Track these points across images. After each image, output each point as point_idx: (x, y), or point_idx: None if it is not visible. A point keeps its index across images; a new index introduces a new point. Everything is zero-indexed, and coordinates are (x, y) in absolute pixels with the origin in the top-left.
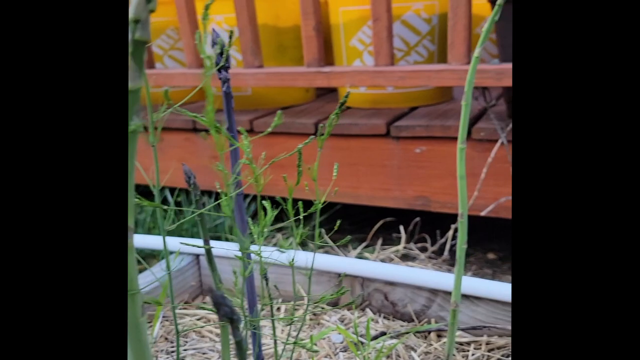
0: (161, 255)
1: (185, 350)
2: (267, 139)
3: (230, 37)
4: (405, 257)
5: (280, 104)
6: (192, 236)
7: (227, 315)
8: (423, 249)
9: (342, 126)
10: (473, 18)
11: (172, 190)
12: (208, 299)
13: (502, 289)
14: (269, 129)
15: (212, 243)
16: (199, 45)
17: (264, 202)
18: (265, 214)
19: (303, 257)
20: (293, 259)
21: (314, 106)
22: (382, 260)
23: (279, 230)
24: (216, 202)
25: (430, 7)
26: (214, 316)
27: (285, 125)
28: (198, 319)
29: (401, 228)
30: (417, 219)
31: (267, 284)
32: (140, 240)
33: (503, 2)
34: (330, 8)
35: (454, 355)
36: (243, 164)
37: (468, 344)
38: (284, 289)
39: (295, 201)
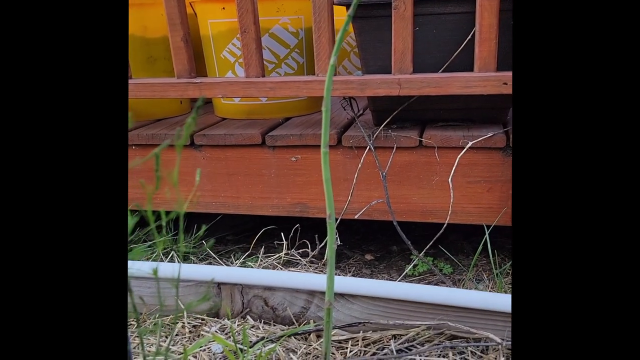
0: None
1: None
2: (142, 152)
3: None
4: (288, 264)
5: (154, 116)
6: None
7: None
8: (304, 254)
9: (218, 137)
10: (336, 32)
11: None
12: None
13: (374, 286)
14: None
15: None
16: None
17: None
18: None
19: (183, 269)
20: (156, 270)
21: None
22: (265, 268)
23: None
24: None
25: (296, 21)
26: None
27: (160, 137)
28: None
29: (282, 235)
30: (297, 225)
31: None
32: None
33: (353, 12)
34: (199, 20)
35: (333, 354)
36: None
37: (346, 341)
38: (166, 302)
39: (166, 212)
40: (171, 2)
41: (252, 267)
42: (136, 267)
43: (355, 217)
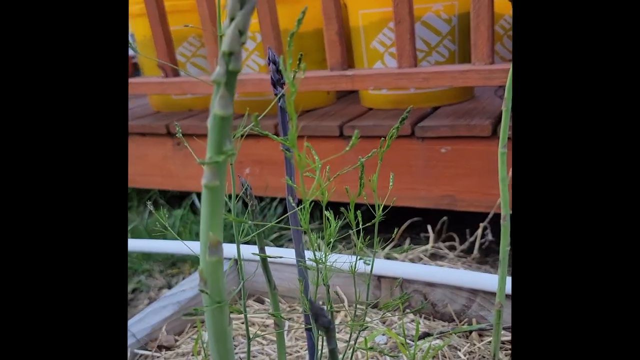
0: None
1: (235, 353)
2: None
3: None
4: (434, 257)
5: (303, 108)
6: (230, 241)
7: (324, 325)
8: (451, 248)
9: (366, 128)
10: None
11: (199, 195)
12: (251, 302)
13: None
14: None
15: (268, 250)
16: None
17: (326, 213)
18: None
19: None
20: (355, 266)
21: (336, 108)
22: (411, 260)
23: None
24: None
25: (449, 8)
26: (258, 319)
27: (311, 129)
28: (242, 323)
29: (429, 227)
30: (445, 218)
31: (328, 291)
32: (172, 246)
33: None
34: (349, 11)
35: (500, 358)
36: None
37: (510, 342)
38: (340, 292)
39: (347, 207)
40: None
41: (396, 258)
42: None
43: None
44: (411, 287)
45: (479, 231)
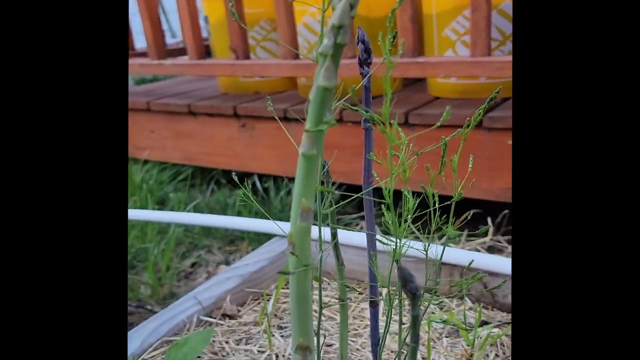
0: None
1: None
2: (353, 129)
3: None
4: (491, 249)
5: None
6: (280, 220)
7: (412, 291)
8: (510, 242)
9: (433, 116)
10: None
11: (260, 176)
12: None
13: None
14: (439, 122)
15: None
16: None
17: (405, 191)
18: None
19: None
20: (427, 248)
21: (402, 95)
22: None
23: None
24: (357, 195)
25: None
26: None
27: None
28: None
29: (489, 220)
30: (506, 211)
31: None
32: (232, 222)
33: None
34: None
35: None
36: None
37: None
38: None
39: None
40: None
41: (452, 247)
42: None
43: None
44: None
45: None
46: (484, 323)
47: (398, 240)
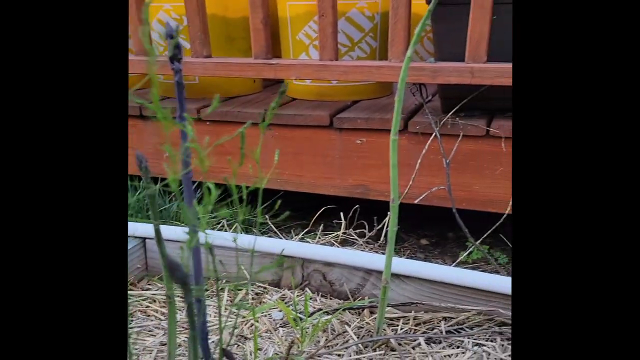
0: None
1: (131, 328)
2: (215, 128)
3: (176, 29)
4: (345, 242)
5: (227, 94)
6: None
7: (180, 279)
8: (361, 235)
9: (287, 117)
10: (413, 17)
11: None
12: (156, 280)
13: (428, 269)
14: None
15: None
16: (143, 38)
17: (208, 183)
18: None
19: (247, 240)
20: (236, 238)
21: (261, 97)
22: (322, 245)
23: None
24: (165, 182)
25: (373, 5)
26: (160, 296)
27: (233, 115)
28: (144, 299)
29: (341, 215)
30: (357, 206)
31: (213, 259)
32: None
33: (434, 7)
34: (278, 1)
35: (384, 330)
36: (193, 150)
37: (398, 319)
38: (230, 270)
39: (239, 186)
40: None
41: (309, 242)
42: (217, 235)
43: (415, 202)
44: (311, 267)
45: (387, 219)
46: (319, 310)
47: (195, 230)
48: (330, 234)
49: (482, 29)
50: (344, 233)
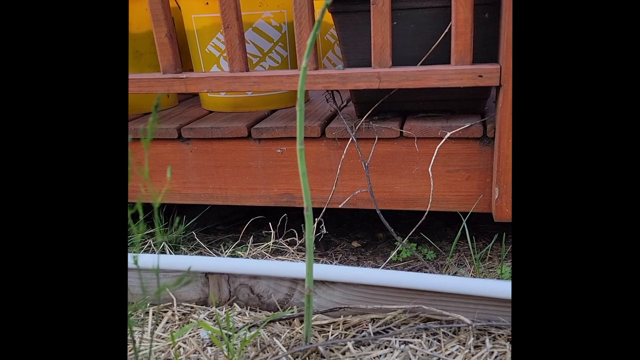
0: None
1: None
2: (130, 145)
3: None
4: (277, 252)
5: (141, 110)
6: None
7: None
8: (292, 243)
9: (205, 130)
10: (321, 25)
11: None
12: None
13: (352, 273)
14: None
15: None
16: None
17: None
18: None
19: (172, 260)
20: (136, 260)
21: (176, 111)
22: (254, 257)
23: (152, 235)
24: None
25: (279, 15)
26: None
27: (142, 132)
28: None
29: (270, 225)
30: (285, 215)
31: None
32: None
33: (322, 18)
34: (183, 14)
35: (315, 337)
36: None
37: (327, 325)
38: (152, 293)
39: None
40: None
41: (241, 256)
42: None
43: (340, 206)
44: (237, 282)
45: (314, 226)
46: (247, 325)
47: None
48: (261, 244)
49: (384, 34)
50: (274, 243)
